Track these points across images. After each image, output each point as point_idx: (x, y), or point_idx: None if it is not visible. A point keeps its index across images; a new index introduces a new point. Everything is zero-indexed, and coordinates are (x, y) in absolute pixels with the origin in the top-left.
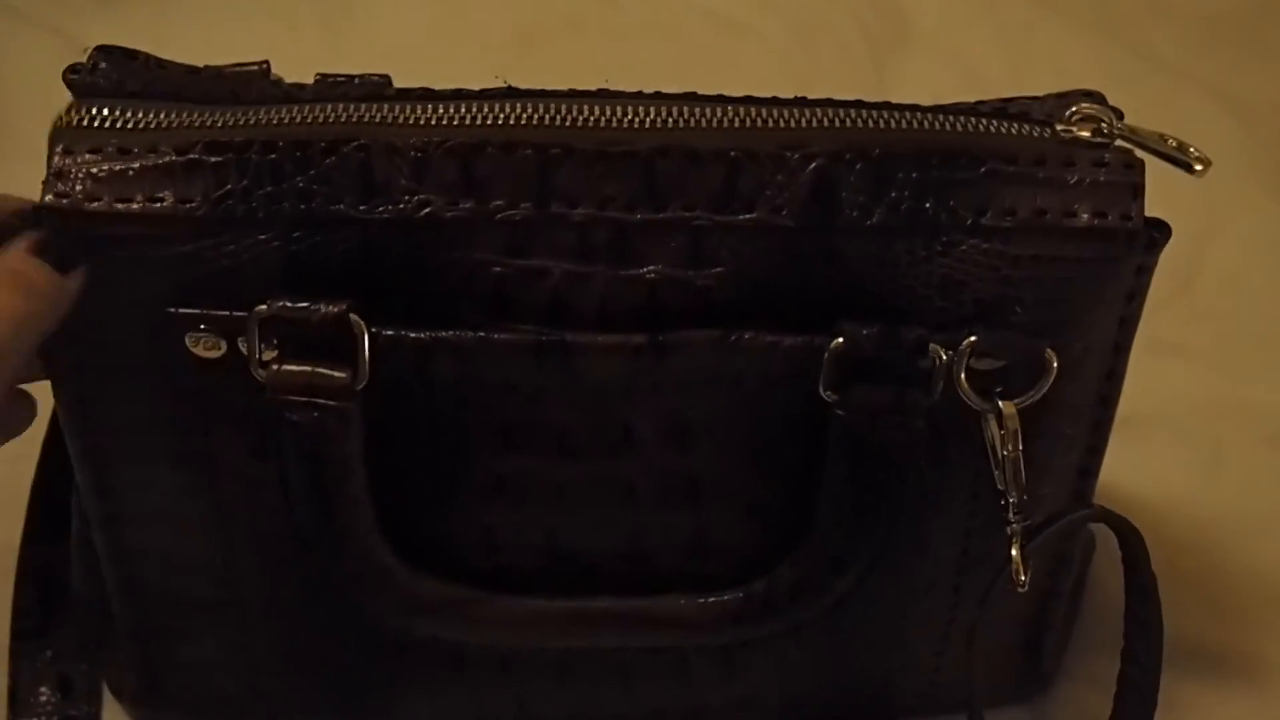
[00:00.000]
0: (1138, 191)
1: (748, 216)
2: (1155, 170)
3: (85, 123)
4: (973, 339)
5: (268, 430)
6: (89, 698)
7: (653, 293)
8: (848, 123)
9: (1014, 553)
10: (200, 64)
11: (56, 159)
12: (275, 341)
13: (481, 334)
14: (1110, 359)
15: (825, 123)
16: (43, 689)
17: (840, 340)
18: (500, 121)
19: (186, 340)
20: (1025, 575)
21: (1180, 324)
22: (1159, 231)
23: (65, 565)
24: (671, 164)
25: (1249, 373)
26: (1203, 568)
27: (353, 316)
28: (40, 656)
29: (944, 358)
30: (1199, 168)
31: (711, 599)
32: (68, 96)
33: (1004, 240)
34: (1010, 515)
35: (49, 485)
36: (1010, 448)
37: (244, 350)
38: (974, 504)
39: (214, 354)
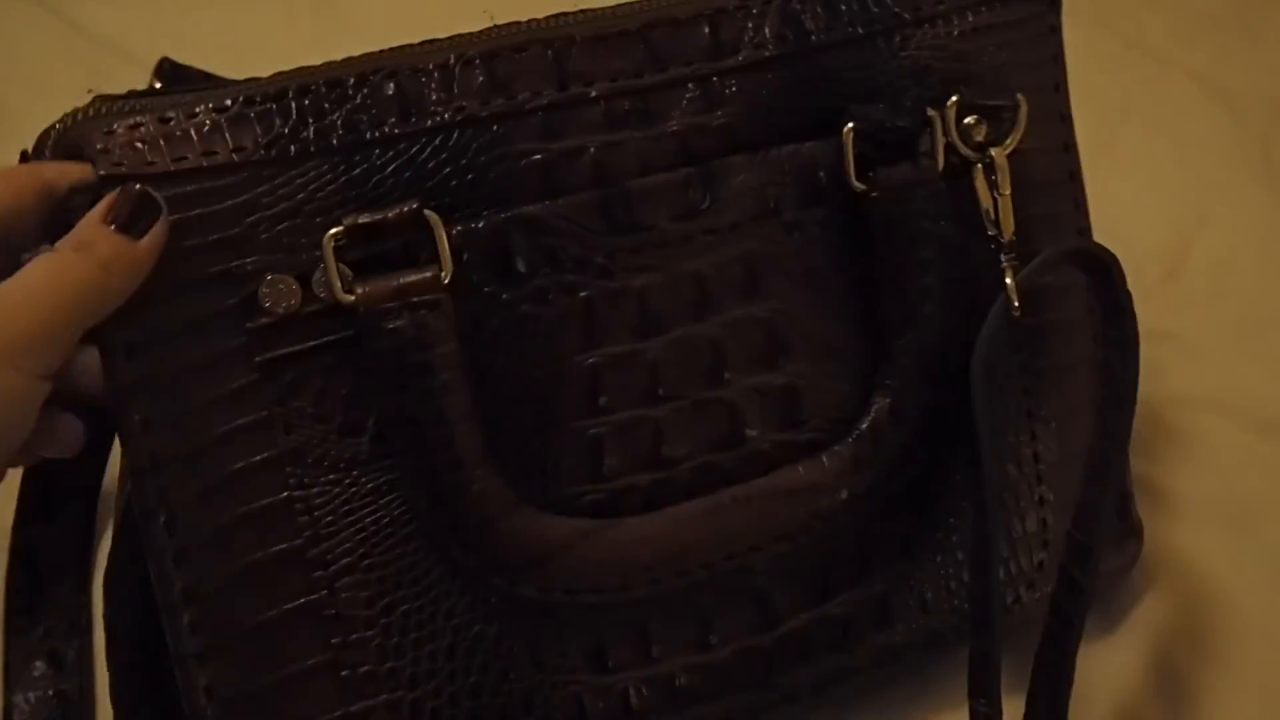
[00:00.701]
0: None
1: (738, 58)
2: (1143, 160)
3: (109, 110)
4: (955, 98)
5: (360, 379)
6: (80, 671)
7: (681, 143)
8: None
9: (1009, 280)
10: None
11: (98, 140)
12: (351, 267)
13: (547, 202)
14: (1061, 129)
15: None
16: (36, 663)
17: (852, 125)
18: (503, 34)
19: (261, 294)
20: (1018, 302)
21: (1167, 311)
22: None
23: (54, 545)
24: (661, 33)
25: (1235, 360)
26: (1187, 556)
27: (426, 211)
28: (32, 633)
29: (939, 120)
30: None
31: (825, 455)
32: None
33: (946, 22)
34: (1003, 256)
35: (37, 467)
36: (1001, 188)
37: (319, 291)
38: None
39: (290, 303)
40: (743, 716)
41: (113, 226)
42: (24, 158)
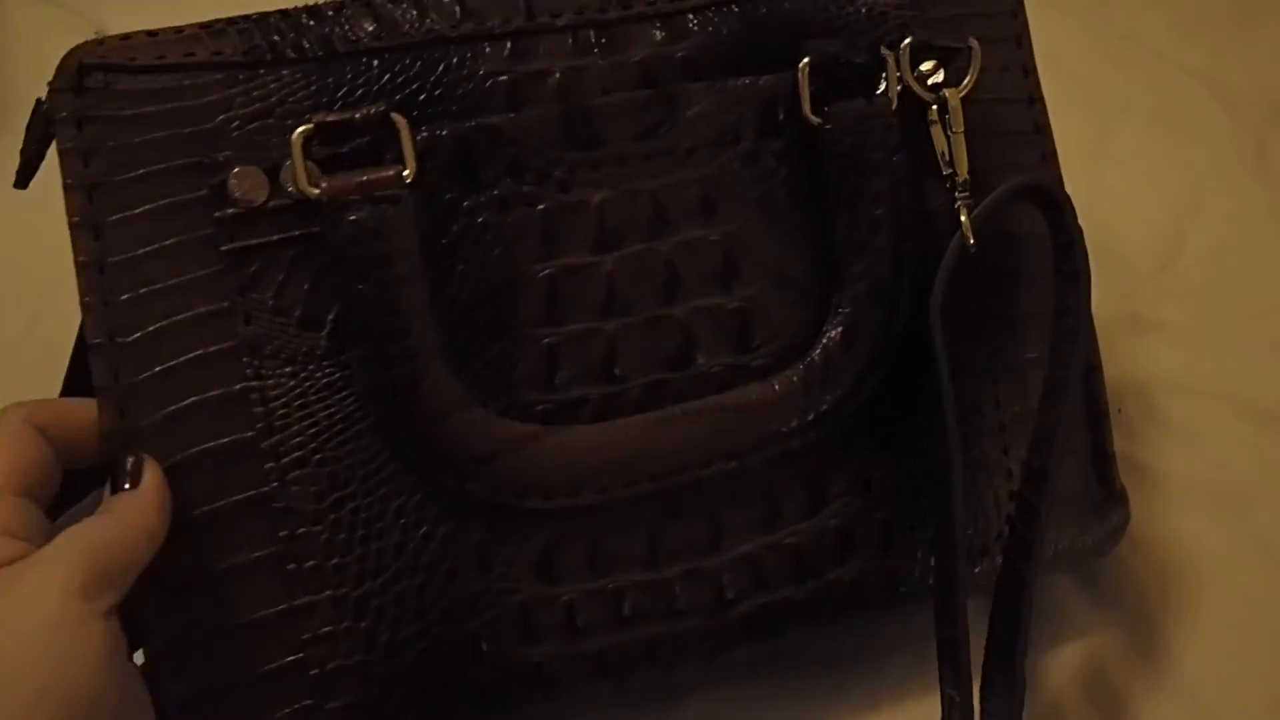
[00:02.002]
0: None
1: None
2: (1140, 153)
3: (108, 39)
4: (910, 40)
5: (321, 274)
6: None
7: (644, 71)
8: None
9: (963, 219)
10: None
11: (92, 53)
12: (319, 165)
13: (511, 115)
14: (1025, 83)
15: None
16: None
17: (808, 59)
18: None
19: (229, 184)
20: (972, 239)
21: (1161, 301)
22: None
23: None
24: None
25: (1226, 349)
26: (1178, 539)
27: (393, 115)
28: None
29: (894, 59)
30: None
31: (775, 379)
32: None
33: None
34: (956, 192)
35: None
36: (954, 127)
37: (287, 185)
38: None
39: (258, 195)
40: (698, 649)
41: (124, 486)
42: (39, 119)
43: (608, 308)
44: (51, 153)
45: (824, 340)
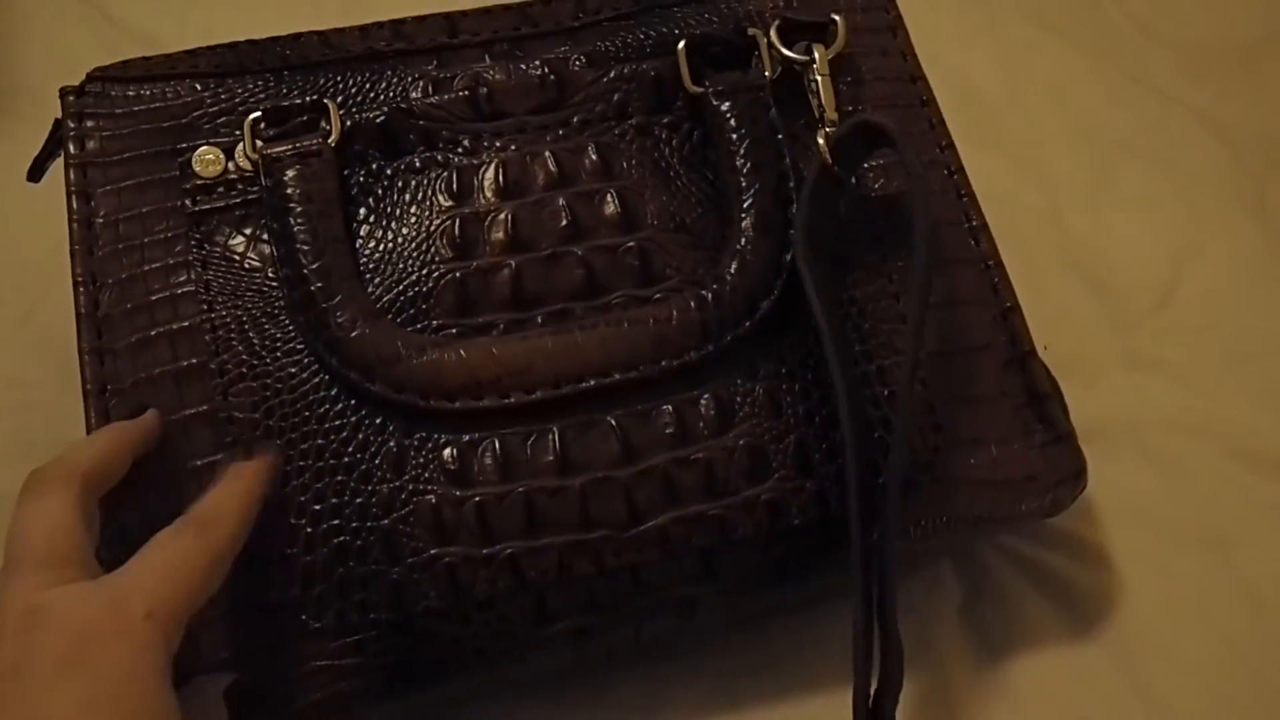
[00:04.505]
0: None
1: (598, 16)
2: (1142, 192)
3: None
4: (779, 21)
5: (263, 226)
6: None
7: (545, 69)
8: None
9: (820, 141)
10: (217, 43)
11: (98, 73)
12: (266, 143)
13: (430, 101)
14: (905, 65)
15: None
16: None
17: (685, 41)
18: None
19: (192, 160)
20: (833, 163)
21: (1157, 339)
22: None
23: None
24: (536, 8)
25: (1220, 388)
26: (1166, 576)
27: (325, 100)
28: None
29: (764, 39)
30: None
31: (674, 301)
32: (89, 60)
33: None
34: (824, 127)
35: None
36: (821, 72)
37: (240, 160)
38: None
39: (215, 170)
40: (617, 565)
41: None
42: (56, 126)
43: (511, 245)
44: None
45: (718, 269)
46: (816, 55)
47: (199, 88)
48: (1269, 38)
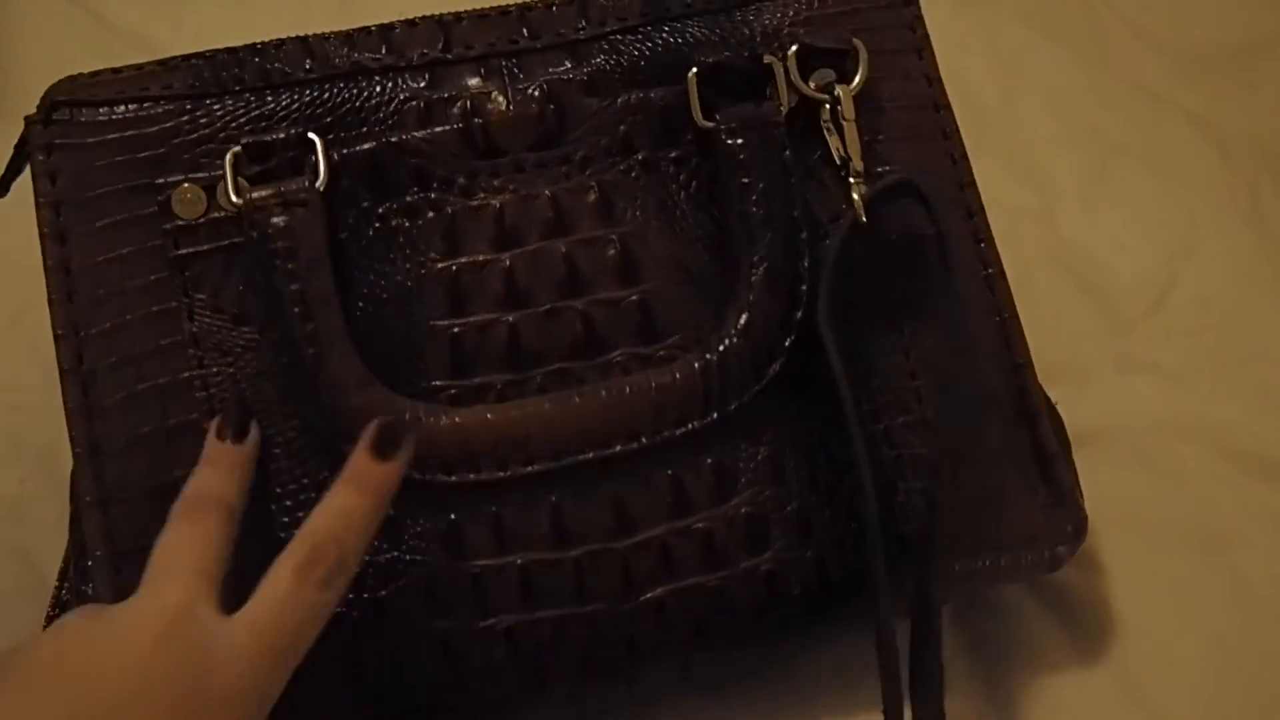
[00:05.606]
0: None
1: (603, 28)
2: (1135, 195)
3: (84, 75)
4: (796, 46)
5: (249, 275)
6: None
7: (545, 93)
8: None
9: (854, 196)
10: (210, 45)
11: (64, 90)
12: (249, 181)
13: (418, 133)
14: (930, 90)
15: None
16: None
17: (695, 69)
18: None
19: (173, 200)
20: (864, 217)
21: (1150, 341)
22: None
23: None
24: (537, 14)
25: (1213, 391)
26: (1160, 578)
27: (310, 134)
28: None
29: (782, 66)
30: None
31: (678, 364)
32: (81, 61)
33: None
34: (850, 177)
35: None
36: (845, 116)
37: (221, 200)
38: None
39: (196, 210)
40: (613, 636)
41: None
42: (22, 142)
43: (508, 299)
44: None
45: (724, 328)
46: (840, 95)
47: (174, 110)
48: (1262, 41)
